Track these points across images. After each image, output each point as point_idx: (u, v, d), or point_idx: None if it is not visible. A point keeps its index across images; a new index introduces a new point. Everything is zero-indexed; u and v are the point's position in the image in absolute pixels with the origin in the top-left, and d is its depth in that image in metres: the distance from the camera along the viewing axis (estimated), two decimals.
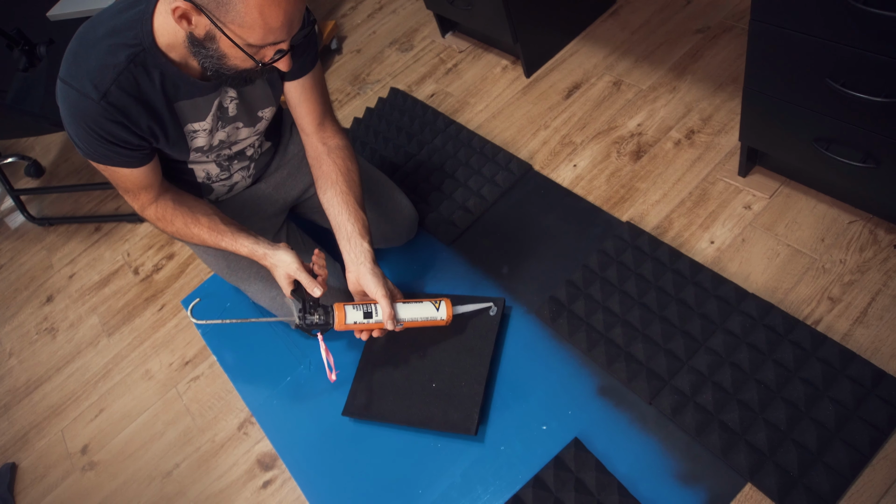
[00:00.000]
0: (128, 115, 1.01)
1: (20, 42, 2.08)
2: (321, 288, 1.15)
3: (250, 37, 0.89)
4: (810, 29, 0.98)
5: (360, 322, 1.17)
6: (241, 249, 1.17)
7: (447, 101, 1.92)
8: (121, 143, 1.04)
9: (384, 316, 1.16)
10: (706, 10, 1.78)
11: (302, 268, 1.14)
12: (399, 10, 2.37)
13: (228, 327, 1.60)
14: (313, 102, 1.22)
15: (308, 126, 1.24)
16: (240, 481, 1.36)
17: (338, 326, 1.16)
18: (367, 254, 1.17)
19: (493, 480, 1.16)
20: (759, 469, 1.02)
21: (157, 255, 1.94)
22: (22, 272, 2.16)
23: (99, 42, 0.98)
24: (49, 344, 1.87)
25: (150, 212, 1.18)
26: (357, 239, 1.18)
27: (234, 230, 1.18)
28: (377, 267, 1.18)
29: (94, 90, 0.97)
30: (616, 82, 1.72)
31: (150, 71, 1.00)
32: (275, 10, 0.86)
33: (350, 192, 1.21)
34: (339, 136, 1.27)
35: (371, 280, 1.16)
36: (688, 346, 1.17)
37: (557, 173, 1.58)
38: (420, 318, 1.23)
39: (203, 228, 1.18)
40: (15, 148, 2.77)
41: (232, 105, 1.15)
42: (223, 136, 1.19)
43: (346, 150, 1.25)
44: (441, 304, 1.25)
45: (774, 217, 1.32)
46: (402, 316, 1.21)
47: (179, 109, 1.08)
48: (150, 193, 1.16)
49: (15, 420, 1.71)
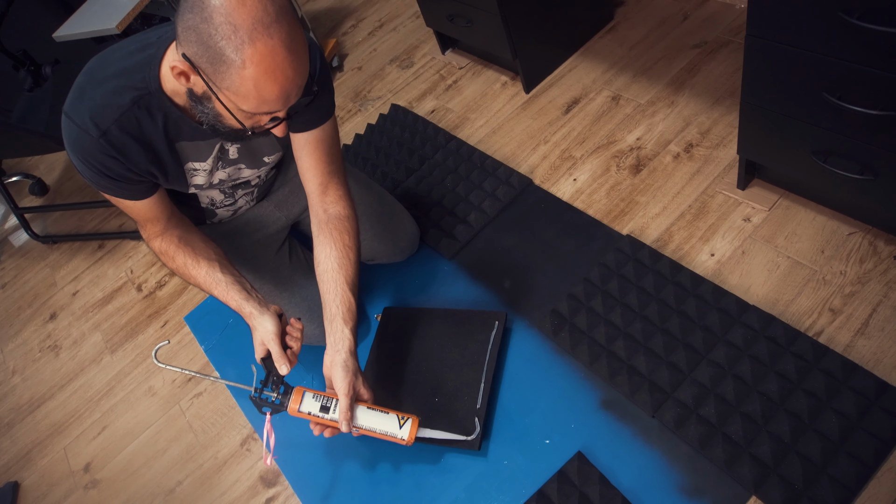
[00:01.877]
0: (126, 154, 1.02)
1: (26, 62, 2.11)
2: (289, 366, 1.09)
3: (244, 104, 0.87)
4: (806, 44, 0.99)
5: (315, 414, 1.11)
6: (230, 302, 1.14)
7: (448, 117, 1.94)
8: (120, 178, 1.05)
9: (340, 415, 1.10)
10: (703, 25, 1.80)
11: (278, 339, 1.09)
12: (399, 28, 2.40)
13: (230, 341, 1.61)
14: (317, 160, 1.16)
15: (310, 185, 1.18)
16: (242, 498, 1.36)
17: (291, 411, 1.11)
18: (346, 342, 1.12)
19: (497, 495, 1.16)
20: (763, 482, 1.01)
21: (160, 273, 1.95)
22: (26, 290, 2.17)
23: (107, 81, 0.99)
24: (52, 361, 1.87)
25: (155, 244, 1.18)
26: (339, 323, 1.13)
27: (231, 281, 1.14)
28: (353, 359, 1.12)
29: (94, 128, 0.98)
30: (615, 97, 1.73)
31: (153, 113, 1.01)
32: (270, 85, 0.85)
33: (341, 271, 1.15)
34: (342, 203, 1.19)
35: (340, 373, 1.10)
36: (690, 359, 1.17)
37: (558, 187, 1.59)
38: (379, 431, 1.13)
39: (201, 272, 1.15)
40: (19, 166, 2.79)
41: (233, 149, 1.16)
42: (223, 175, 1.20)
43: (346, 223, 1.18)
44: (407, 422, 1.14)
45: (774, 229, 1.33)
46: (361, 422, 1.12)
47: (180, 149, 1.09)
48: (156, 226, 1.16)
49: (17, 438, 1.71)
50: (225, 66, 0.82)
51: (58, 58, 2.13)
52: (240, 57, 0.81)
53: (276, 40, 0.82)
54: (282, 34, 0.82)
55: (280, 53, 0.82)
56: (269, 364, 1.11)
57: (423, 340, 1.37)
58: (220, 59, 0.82)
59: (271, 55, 0.82)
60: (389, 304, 1.51)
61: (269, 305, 1.13)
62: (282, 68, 0.84)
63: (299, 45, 0.85)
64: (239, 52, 0.81)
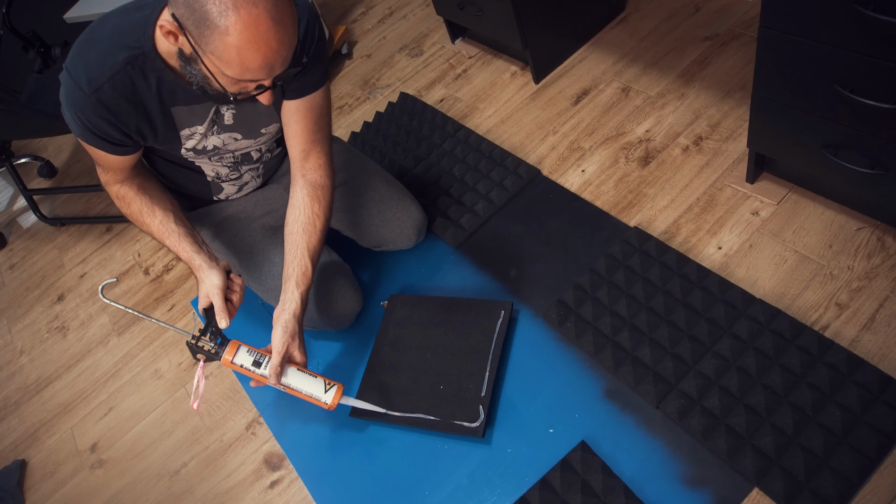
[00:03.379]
0: (116, 113, 1.03)
1: (36, 44, 2.11)
2: (228, 320, 1.13)
3: (227, 70, 0.88)
4: (819, 36, 0.99)
5: (247, 367, 1.16)
6: (181, 253, 1.17)
7: (456, 106, 1.93)
8: (104, 137, 1.07)
9: (270, 371, 1.14)
10: (714, 17, 1.79)
11: (221, 294, 1.12)
12: (409, 16, 2.39)
13: (234, 326, 1.62)
14: (303, 127, 1.18)
15: (293, 150, 1.20)
16: (247, 481, 1.37)
17: (224, 362, 1.15)
18: (293, 304, 1.15)
19: (500, 483, 1.17)
20: (765, 473, 1.02)
21: (167, 256, 1.96)
22: (34, 271, 2.18)
23: (103, 39, 1.00)
24: (60, 342, 1.88)
25: (114, 189, 1.20)
26: (292, 285, 1.16)
27: (183, 233, 1.18)
28: (294, 322, 1.15)
29: (87, 84, 0.99)
30: (624, 89, 1.73)
31: (147, 75, 1.02)
32: (253, 55, 0.85)
33: (304, 236, 1.17)
34: (321, 171, 1.21)
35: (278, 331, 1.14)
36: (695, 351, 1.18)
37: (565, 178, 1.59)
38: (304, 392, 1.18)
39: (155, 220, 1.19)
40: (28, 148, 2.80)
41: (228, 114, 1.16)
42: (218, 142, 1.20)
43: (320, 191, 1.20)
44: (333, 388, 1.19)
45: (782, 223, 1.32)
46: (288, 380, 1.17)
47: (176, 114, 1.10)
48: (119, 175, 1.19)
49: (25, 417, 1.73)
50: (209, 31, 0.83)
51: (67, 39, 2.13)
52: (223, 23, 0.81)
53: (261, 9, 0.82)
54: (267, 4, 0.82)
55: (264, 23, 0.82)
56: (210, 315, 1.15)
57: (429, 328, 1.38)
58: (204, 23, 0.82)
59: (255, 24, 0.82)
60: (396, 291, 1.51)
61: (219, 261, 1.17)
62: (265, 38, 0.84)
63: (286, 17, 0.85)
64: (223, 17, 0.81)
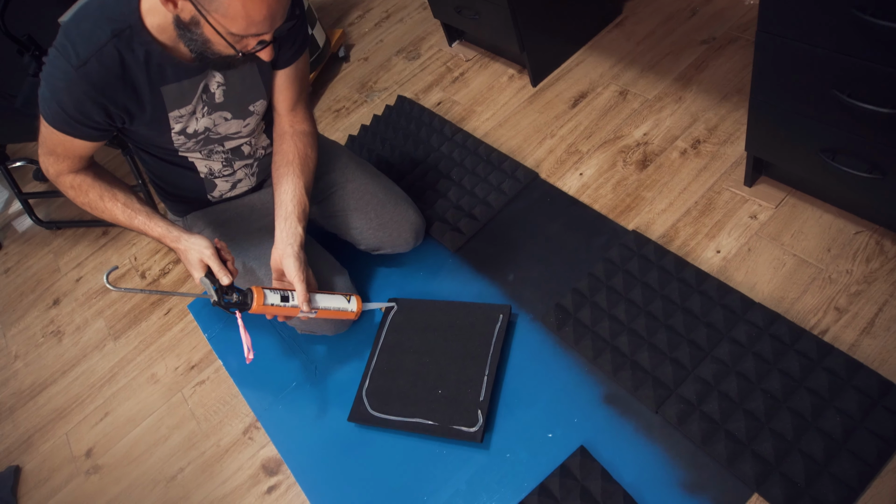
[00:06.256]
0: (103, 89, 1.02)
1: (30, 47, 2.10)
2: (230, 276, 1.14)
3: (232, 26, 0.91)
4: (817, 40, 0.99)
5: (278, 304, 1.20)
6: (154, 230, 1.17)
7: (454, 110, 1.93)
8: (80, 121, 1.05)
9: (299, 299, 1.20)
10: (711, 21, 1.79)
11: (215, 254, 1.14)
12: (406, 19, 2.39)
13: (233, 330, 1.61)
14: (292, 91, 1.26)
15: (281, 107, 1.28)
16: (244, 486, 1.36)
17: (255, 308, 1.17)
18: (298, 237, 1.21)
19: (498, 488, 1.16)
20: (765, 479, 1.02)
21: (163, 260, 1.95)
22: (29, 275, 2.17)
23: (89, 15, 1.00)
24: (55, 347, 1.87)
25: (67, 179, 1.18)
26: (293, 220, 1.21)
27: (150, 211, 1.19)
28: (303, 252, 1.22)
29: (75, 59, 0.99)
30: (622, 92, 1.73)
31: (134, 49, 1.02)
32: (257, 4, 0.89)
33: (301, 176, 1.24)
34: (307, 122, 1.30)
35: (293, 263, 1.19)
36: (694, 355, 1.17)
37: (563, 181, 1.59)
38: (333, 308, 1.28)
39: (118, 204, 1.18)
40: (24, 152, 2.79)
41: (219, 91, 1.17)
42: (209, 122, 1.20)
43: (309, 137, 1.29)
44: (352, 298, 1.32)
45: (780, 227, 1.32)
46: (317, 304, 1.25)
47: (165, 93, 1.10)
48: (76, 164, 1.17)
49: (19, 423, 1.72)
50: None
51: None
52: None
53: None
54: None
55: None
56: (212, 278, 1.15)
57: (427, 332, 1.37)
58: None
59: None
60: (394, 295, 1.51)
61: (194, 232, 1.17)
62: None
63: None
64: None
